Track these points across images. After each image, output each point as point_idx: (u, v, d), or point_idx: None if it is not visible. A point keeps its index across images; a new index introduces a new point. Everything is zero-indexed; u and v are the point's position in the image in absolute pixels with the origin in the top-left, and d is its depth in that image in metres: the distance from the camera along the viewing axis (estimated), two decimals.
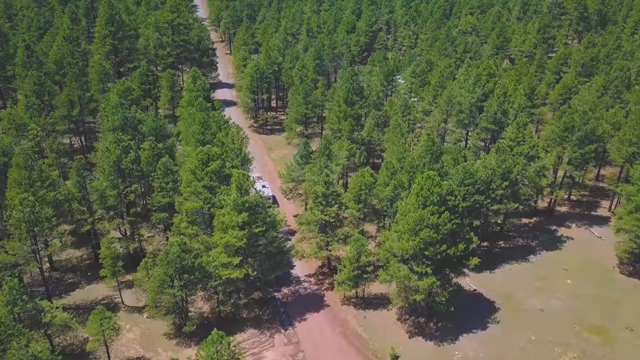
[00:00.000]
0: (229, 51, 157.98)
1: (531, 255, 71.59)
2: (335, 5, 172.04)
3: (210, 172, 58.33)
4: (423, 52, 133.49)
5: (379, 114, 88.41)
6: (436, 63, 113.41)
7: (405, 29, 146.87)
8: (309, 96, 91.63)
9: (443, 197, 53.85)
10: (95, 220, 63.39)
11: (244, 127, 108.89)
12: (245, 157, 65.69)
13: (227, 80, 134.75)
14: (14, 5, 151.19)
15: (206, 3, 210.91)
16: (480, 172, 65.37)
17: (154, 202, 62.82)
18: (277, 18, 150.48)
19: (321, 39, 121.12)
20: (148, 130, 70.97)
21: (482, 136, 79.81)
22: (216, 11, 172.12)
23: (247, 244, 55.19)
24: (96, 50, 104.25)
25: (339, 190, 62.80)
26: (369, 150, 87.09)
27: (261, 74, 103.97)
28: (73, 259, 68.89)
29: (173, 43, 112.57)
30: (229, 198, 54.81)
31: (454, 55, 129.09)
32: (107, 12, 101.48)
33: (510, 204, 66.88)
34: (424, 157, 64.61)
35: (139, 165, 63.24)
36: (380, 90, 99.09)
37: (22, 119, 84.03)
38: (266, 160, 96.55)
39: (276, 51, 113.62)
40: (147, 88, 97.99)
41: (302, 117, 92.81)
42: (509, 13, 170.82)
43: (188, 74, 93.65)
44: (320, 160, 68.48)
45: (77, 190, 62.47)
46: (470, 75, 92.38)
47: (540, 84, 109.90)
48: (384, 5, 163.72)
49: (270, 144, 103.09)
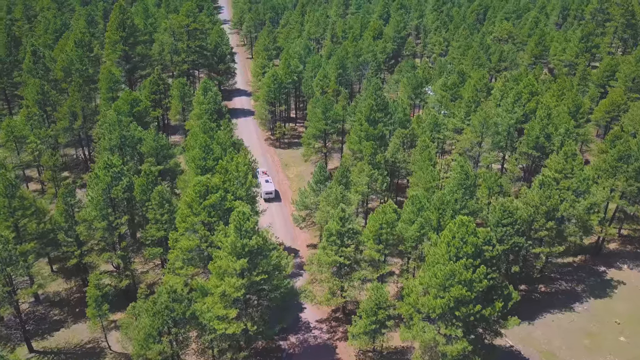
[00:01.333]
0: (251, 55, 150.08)
1: (577, 304, 61.58)
2: (363, 9, 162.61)
3: (208, 206, 50.27)
4: (454, 60, 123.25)
5: (405, 133, 79.20)
6: (468, 74, 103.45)
7: (436, 35, 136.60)
8: (329, 111, 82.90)
9: (479, 248, 44.64)
10: (83, 252, 56.09)
11: (260, 139, 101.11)
12: (251, 186, 57.37)
13: (247, 86, 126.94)
14: (34, 7, 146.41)
15: (231, 4, 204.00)
16: (521, 211, 55.75)
17: (148, 235, 55.11)
18: (300, 22, 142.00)
19: (345, 46, 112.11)
20: (147, 150, 63.32)
21: (522, 162, 69.88)
22: (239, 13, 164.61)
23: (247, 293, 46.98)
24: (106, 57, 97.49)
25: (357, 227, 54.04)
26: (393, 170, 78.05)
27: (279, 84, 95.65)
28: (62, 291, 61.80)
29: (188, 49, 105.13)
30: (226, 240, 46.60)
31: (488, 64, 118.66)
32: (118, 17, 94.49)
33: (555, 247, 57.05)
34: (455, 191, 55.32)
35: (132, 193, 55.53)
36: (407, 105, 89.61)
37: (22, 131, 77.81)
38: (281, 179, 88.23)
39: (297, 59, 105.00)
40: (158, 98, 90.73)
41: (321, 133, 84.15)
42: (547, 18, 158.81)
43: (199, 85, 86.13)
44: (337, 189, 59.77)
45: (63, 220, 55.23)
46: (508, 92, 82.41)
47: (583, 97, 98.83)
48: (413, 9, 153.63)
49: (286, 159, 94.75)
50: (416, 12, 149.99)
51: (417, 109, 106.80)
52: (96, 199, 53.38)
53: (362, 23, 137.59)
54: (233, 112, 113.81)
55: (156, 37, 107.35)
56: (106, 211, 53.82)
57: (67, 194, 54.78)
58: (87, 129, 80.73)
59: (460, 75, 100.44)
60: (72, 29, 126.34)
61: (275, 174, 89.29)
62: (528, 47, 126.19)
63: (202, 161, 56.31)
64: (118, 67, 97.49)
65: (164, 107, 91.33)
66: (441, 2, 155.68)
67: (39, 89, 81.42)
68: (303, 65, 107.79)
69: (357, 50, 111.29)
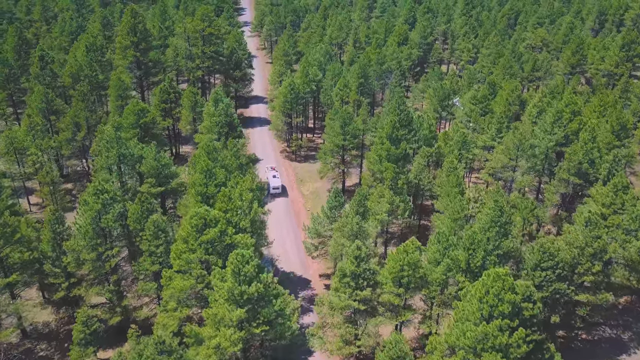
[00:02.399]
0: (271, 60, 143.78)
1: (623, 355, 53.64)
2: (388, 12, 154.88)
3: (206, 242, 44.00)
4: (484, 69, 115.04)
5: (430, 152, 71.85)
6: (499, 84, 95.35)
7: (465, 42, 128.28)
8: (348, 125, 75.94)
9: (517, 306, 37.39)
10: (71, 284, 50.45)
11: (275, 151, 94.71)
12: (256, 215, 50.84)
13: (265, 93, 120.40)
14: (52, 8, 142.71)
15: (253, 6, 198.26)
16: (564, 252, 48.08)
17: (141, 269, 49.12)
18: (322, 26, 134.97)
19: (368, 53, 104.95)
20: (147, 170, 57.36)
21: (561, 190, 61.96)
22: (260, 16, 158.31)
23: (245, 346, 40.63)
24: (117, 63, 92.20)
25: (374, 267, 47.17)
26: (417, 191, 70.88)
27: (296, 94, 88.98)
28: (52, 321, 56.31)
29: (203, 55, 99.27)
30: (223, 285, 40.26)
31: (520, 73, 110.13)
32: (129, 21, 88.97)
33: (602, 295, 49.22)
34: (488, 229, 47.97)
35: (125, 221, 49.64)
36: (434, 120, 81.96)
37: (23, 142, 72.91)
38: (295, 196, 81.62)
39: (316, 67, 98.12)
40: (168, 107, 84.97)
41: (339, 148, 77.30)
42: (582, 23, 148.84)
43: (210, 95, 79.94)
44: (353, 219, 52.90)
45: (50, 249, 49.64)
46: (545, 108, 74.43)
47: (625, 110, 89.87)
48: (441, 13, 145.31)
49: (302, 174, 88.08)
50: (444, 16, 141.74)
51: (444, 123, 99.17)
52: (84, 227, 47.58)
53: (387, 28, 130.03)
54: (249, 121, 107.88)
55: (170, 42, 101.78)
56: (95, 241, 47.99)
57: (55, 220, 49.14)
58: (91, 140, 75.35)
59: (491, 87, 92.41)
60: (87, 32, 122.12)
61: (289, 191, 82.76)
62: (564, 55, 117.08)
63: (203, 187, 50.03)
64: (129, 73, 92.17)
65: (174, 117, 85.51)
66: (470, 6, 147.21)
67: (42, 97, 76.43)
68: (323, 73, 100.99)
69: (380, 58, 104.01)
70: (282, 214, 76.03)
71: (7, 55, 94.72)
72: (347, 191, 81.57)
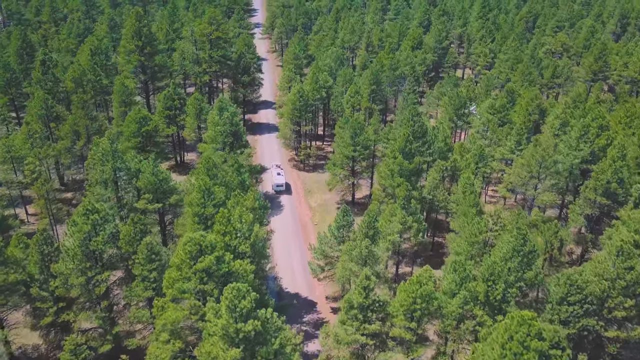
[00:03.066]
0: (282, 63, 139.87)
1: None
2: (402, 14, 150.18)
3: (201, 270, 40.18)
4: (501, 74, 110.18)
5: (445, 165, 67.48)
6: (518, 92, 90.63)
7: (481, 46, 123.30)
8: (359, 135, 71.82)
9: (544, 354, 33.05)
10: (59, 309, 46.97)
11: (283, 159, 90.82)
12: (257, 239, 46.84)
13: (275, 98, 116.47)
14: (61, 9, 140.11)
15: (265, 7, 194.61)
16: (593, 285, 43.55)
17: (133, 294, 45.47)
18: (334, 29, 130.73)
19: (380, 58, 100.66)
20: (145, 185, 53.70)
21: (587, 210, 57.24)
22: (271, 18, 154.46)
23: None
24: (121, 67, 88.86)
25: (384, 299, 43.07)
26: (431, 207, 66.65)
27: (305, 102, 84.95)
28: (42, 345, 52.95)
29: (210, 59, 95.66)
30: (217, 321, 36.40)
31: (539, 80, 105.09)
32: (133, 25, 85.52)
33: (635, 330, 44.59)
34: (509, 259, 43.58)
35: (117, 243, 46.03)
36: (449, 130, 77.48)
37: (21, 150, 69.84)
38: (302, 209, 77.64)
39: (326, 72, 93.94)
40: (172, 114, 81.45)
41: (349, 159, 73.22)
42: (603, 27, 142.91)
43: (215, 103, 76.11)
44: (362, 243, 48.78)
45: (37, 272, 46.20)
46: (568, 120, 69.66)
47: None
48: (457, 16, 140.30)
49: (310, 184, 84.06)
50: (460, 19, 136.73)
51: (460, 133, 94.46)
52: (73, 250, 44.03)
53: (401, 31, 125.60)
54: (257, 127, 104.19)
55: (177, 45, 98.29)
56: (85, 265, 44.43)
57: (42, 241, 45.69)
58: (91, 149, 71.98)
59: (509, 94, 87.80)
60: (94, 34, 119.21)
61: (297, 203, 78.86)
62: (585, 61, 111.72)
63: (201, 208, 46.23)
64: (134, 77, 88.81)
65: (178, 125, 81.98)
66: (487, 9, 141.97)
67: (42, 103, 73.31)
68: (333, 78, 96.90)
69: (393, 63, 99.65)
70: (289, 228, 72.20)
71: (9, 59, 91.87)
72: (357, 204, 77.55)
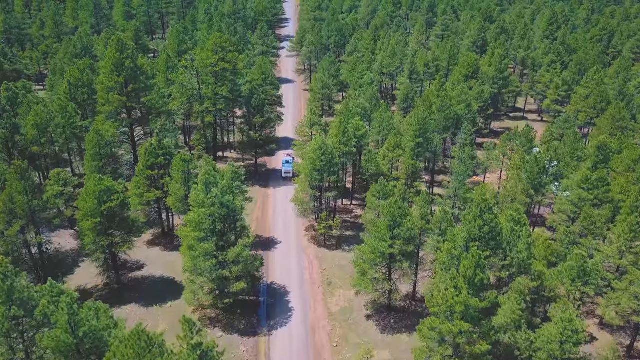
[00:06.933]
0: (308, 87, 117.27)
1: None
2: (451, 29, 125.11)
3: None
4: (580, 115, 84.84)
5: (530, 286, 43.81)
6: (614, 148, 65.84)
7: (550, 74, 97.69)
8: (400, 226, 48.78)
9: None
10: None
11: (297, 229, 68.95)
12: None
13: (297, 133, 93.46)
14: (66, 23, 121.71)
15: (298, 16, 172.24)
16: None
17: None
18: (372, 50, 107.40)
19: (428, 95, 77.09)
20: (53, 346, 32.32)
21: None
22: (301, 32, 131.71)
23: None
24: (99, 108, 68.31)
25: None
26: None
27: (329, 160, 62.18)
28: None
29: (215, 96, 74.22)
30: None
31: (632, 125, 79.25)
32: (113, 56, 64.65)
33: None
34: None
35: None
36: (526, 218, 52.74)
37: None
38: (318, 318, 54.79)
39: (359, 117, 70.59)
40: (156, 175, 60.52)
41: (383, 258, 50.40)
42: None
43: (200, 175, 53.05)
44: None
45: None
46: None
47: None
48: (517, 35, 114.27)
49: (331, 271, 61.15)
50: (523, 39, 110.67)
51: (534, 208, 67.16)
52: None
53: (451, 53, 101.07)
54: (272, 175, 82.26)
55: (175, 78, 77.16)
56: None
57: None
58: (35, 233, 51.66)
59: (602, 152, 63.21)
60: (94, 53, 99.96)
61: (311, 304, 56.37)
62: None
63: None
64: (114, 122, 68.23)
65: (163, 189, 60.84)
66: (555, 27, 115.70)
67: None
68: (368, 123, 74.00)
69: (444, 103, 75.70)
70: (299, 354, 49.78)
71: None
72: (395, 310, 54.82)
